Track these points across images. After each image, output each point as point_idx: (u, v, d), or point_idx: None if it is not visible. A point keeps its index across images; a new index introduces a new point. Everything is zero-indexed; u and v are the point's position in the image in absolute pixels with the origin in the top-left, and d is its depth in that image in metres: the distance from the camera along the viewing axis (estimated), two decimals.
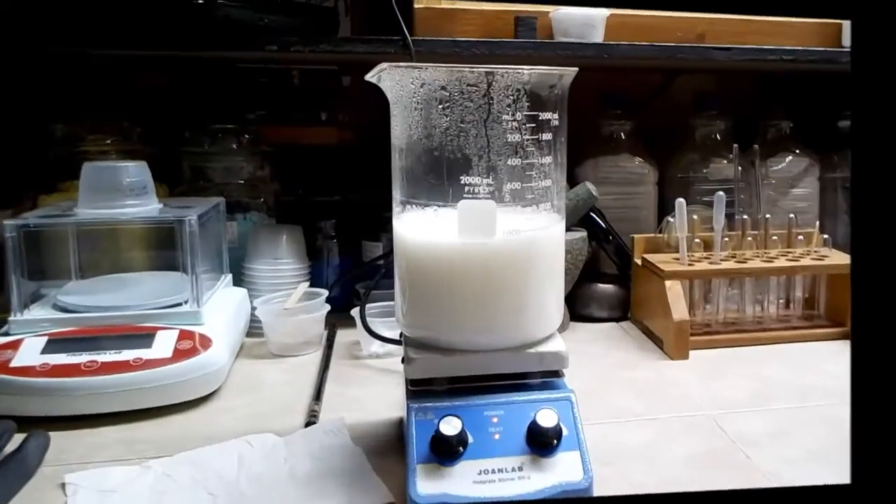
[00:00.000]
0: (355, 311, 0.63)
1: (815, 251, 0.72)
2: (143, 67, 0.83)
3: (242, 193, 0.77)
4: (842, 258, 0.70)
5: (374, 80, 0.42)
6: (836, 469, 0.44)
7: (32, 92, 0.78)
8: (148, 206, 0.60)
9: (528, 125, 0.40)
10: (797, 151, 0.86)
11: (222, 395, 0.56)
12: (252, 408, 0.54)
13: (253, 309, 0.67)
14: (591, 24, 0.71)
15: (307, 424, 0.50)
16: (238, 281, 0.71)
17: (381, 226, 0.77)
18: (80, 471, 0.43)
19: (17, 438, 0.45)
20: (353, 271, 0.77)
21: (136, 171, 0.60)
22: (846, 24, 0.81)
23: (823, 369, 0.61)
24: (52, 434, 0.47)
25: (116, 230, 0.65)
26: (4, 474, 0.41)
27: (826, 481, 0.42)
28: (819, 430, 0.49)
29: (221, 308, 0.62)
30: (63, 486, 0.42)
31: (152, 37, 0.63)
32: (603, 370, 0.62)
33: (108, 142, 0.74)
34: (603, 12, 0.73)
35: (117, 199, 0.58)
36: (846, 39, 0.82)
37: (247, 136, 0.79)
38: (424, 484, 0.37)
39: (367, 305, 0.62)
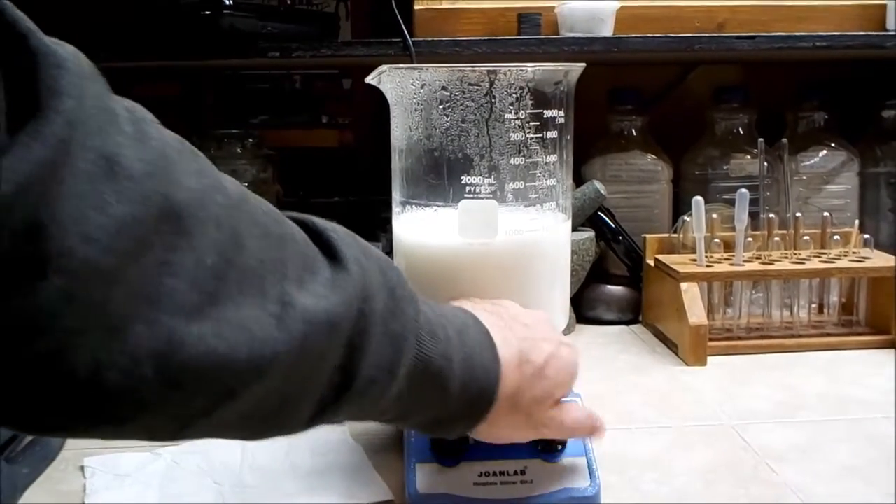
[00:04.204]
0: None
1: (854, 252, 0.72)
2: (153, 77, 0.90)
3: None
4: (885, 260, 0.69)
5: (374, 83, 0.45)
6: (876, 487, 0.43)
7: None
8: None
9: (531, 123, 0.43)
10: (832, 145, 0.86)
11: None
12: None
13: None
14: (600, 17, 0.73)
15: None
16: None
17: (381, 226, 0.82)
18: (97, 455, 0.48)
19: None
20: None
21: None
22: (890, 5, 0.82)
23: (862, 380, 0.60)
24: None
25: None
26: (31, 455, 0.47)
27: (866, 499, 0.42)
28: (856, 445, 0.49)
29: None
30: (82, 468, 0.47)
31: (163, 48, 0.70)
32: (611, 374, 0.63)
33: None
34: (612, 5, 0.74)
35: None
36: (891, 22, 0.82)
37: (250, 140, 0.86)
38: (424, 483, 0.40)
39: None
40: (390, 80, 0.44)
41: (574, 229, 0.69)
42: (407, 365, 0.31)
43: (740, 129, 0.86)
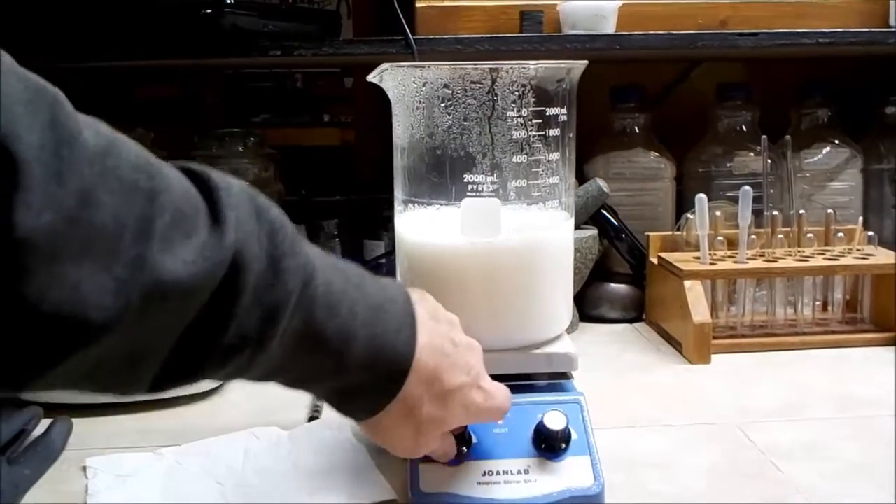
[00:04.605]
0: None
1: (858, 249, 0.72)
2: (154, 77, 0.90)
3: None
4: (889, 257, 0.69)
5: (376, 81, 0.45)
6: (881, 485, 0.43)
7: None
8: None
9: (534, 121, 0.43)
10: (836, 142, 0.85)
11: (229, 388, 0.61)
12: (257, 401, 0.58)
13: None
14: (602, 15, 0.73)
15: (310, 419, 0.54)
16: None
17: (383, 225, 0.82)
18: (99, 456, 0.48)
19: (44, 423, 0.51)
20: None
21: None
22: (893, 3, 0.81)
23: (867, 378, 0.60)
24: (74, 420, 0.52)
25: None
26: (33, 456, 0.47)
27: (870, 499, 0.42)
28: (861, 443, 0.49)
29: None
30: (84, 469, 0.47)
31: (164, 47, 0.70)
32: (615, 373, 0.63)
33: None
34: (614, 3, 0.74)
35: None
36: (894, 19, 0.82)
37: (252, 138, 0.86)
38: (427, 483, 0.40)
39: None
40: (392, 78, 0.44)
41: (577, 227, 0.69)
42: (289, 334, 0.30)
43: (743, 127, 0.85)
